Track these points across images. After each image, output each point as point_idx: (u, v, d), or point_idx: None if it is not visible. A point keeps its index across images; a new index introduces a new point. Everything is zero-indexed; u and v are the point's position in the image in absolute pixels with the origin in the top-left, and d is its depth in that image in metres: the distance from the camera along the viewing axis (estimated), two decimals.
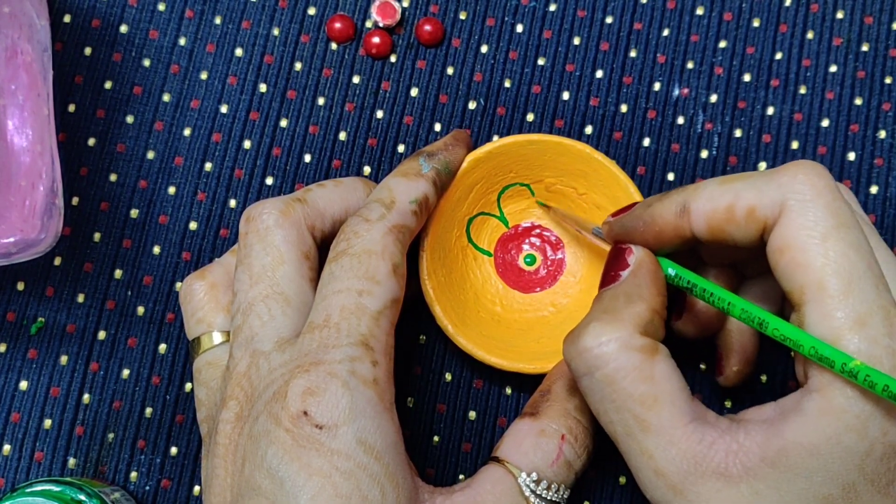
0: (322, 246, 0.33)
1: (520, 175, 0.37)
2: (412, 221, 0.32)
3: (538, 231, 0.38)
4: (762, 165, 0.39)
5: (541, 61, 0.39)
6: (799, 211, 0.26)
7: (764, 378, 0.37)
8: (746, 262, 0.33)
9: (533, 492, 0.30)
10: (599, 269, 0.36)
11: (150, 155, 0.39)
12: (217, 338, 0.32)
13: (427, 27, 0.39)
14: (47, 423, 0.37)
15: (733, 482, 0.26)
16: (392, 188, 0.32)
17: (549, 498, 0.30)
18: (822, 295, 0.25)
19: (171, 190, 0.38)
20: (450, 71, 0.39)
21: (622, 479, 0.36)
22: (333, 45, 0.40)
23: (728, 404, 0.37)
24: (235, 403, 0.29)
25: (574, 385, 0.33)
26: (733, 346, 0.33)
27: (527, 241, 0.38)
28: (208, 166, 0.39)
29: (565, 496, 0.31)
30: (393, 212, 0.31)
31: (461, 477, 0.36)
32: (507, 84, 0.39)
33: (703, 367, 0.37)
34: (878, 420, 0.24)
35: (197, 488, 0.36)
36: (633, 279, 0.29)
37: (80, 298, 0.37)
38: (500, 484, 0.30)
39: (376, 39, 0.39)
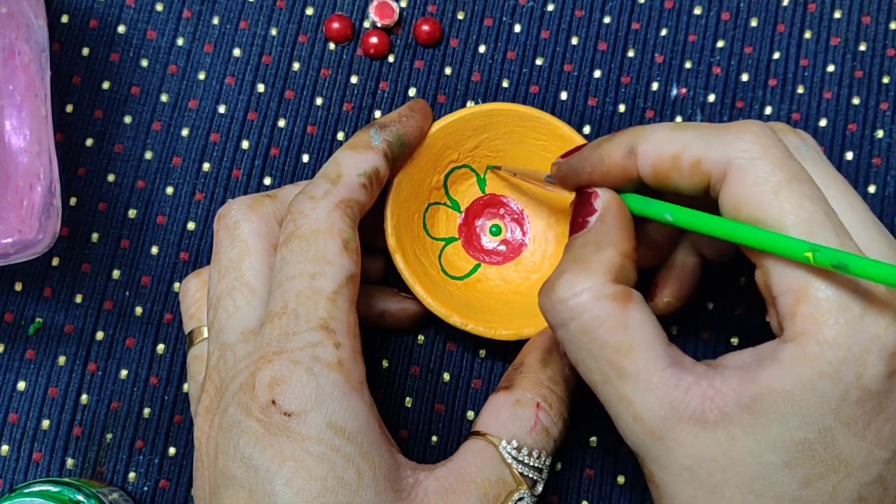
0: None
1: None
2: (361, 195, 0.31)
3: (483, 200, 0.38)
4: None
5: (539, 61, 0.39)
6: (748, 168, 0.26)
7: None
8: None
9: (514, 458, 0.31)
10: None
11: (148, 155, 0.39)
12: (206, 332, 0.33)
13: (425, 27, 0.39)
14: (45, 423, 0.36)
15: (709, 427, 0.26)
16: (339, 162, 0.32)
17: (530, 464, 0.31)
18: None
19: (169, 190, 0.38)
20: (448, 71, 0.39)
21: (620, 479, 0.36)
22: (331, 46, 0.39)
23: None
24: (206, 396, 0.29)
25: (547, 357, 0.33)
26: (670, 279, 0.34)
27: (482, 217, 0.38)
28: (206, 166, 0.39)
29: (547, 462, 0.32)
30: (339, 186, 0.31)
31: None
32: (505, 84, 0.39)
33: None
34: (852, 365, 0.24)
35: None
36: (601, 225, 0.29)
37: (78, 299, 0.37)
38: (481, 455, 0.31)
39: (374, 39, 0.39)
